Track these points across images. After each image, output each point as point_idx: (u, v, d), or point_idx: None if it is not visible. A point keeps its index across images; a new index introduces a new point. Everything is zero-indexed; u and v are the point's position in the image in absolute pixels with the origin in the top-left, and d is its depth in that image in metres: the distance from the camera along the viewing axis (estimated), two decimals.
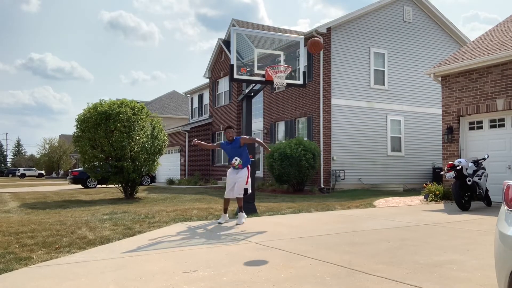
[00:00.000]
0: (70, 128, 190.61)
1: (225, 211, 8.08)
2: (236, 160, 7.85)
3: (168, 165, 27.72)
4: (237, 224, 7.75)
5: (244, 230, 7.21)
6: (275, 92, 20.61)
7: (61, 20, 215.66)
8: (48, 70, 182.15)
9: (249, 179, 8.06)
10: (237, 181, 7.88)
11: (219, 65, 25.81)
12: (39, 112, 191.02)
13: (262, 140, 21.30)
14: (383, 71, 18.86)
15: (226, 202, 8.09)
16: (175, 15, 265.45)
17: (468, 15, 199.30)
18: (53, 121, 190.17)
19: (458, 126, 12.42)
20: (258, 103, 21.65)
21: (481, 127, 12.12)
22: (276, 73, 8.80)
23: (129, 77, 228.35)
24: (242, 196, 7.95)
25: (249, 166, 8.10)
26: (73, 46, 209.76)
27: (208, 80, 27.58)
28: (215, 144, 8.43)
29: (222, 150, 8.61)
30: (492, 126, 11.85)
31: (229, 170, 8.09)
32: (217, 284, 4.00)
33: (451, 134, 12.50)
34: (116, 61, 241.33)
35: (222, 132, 25.07)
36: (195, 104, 30.44)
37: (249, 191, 8.21)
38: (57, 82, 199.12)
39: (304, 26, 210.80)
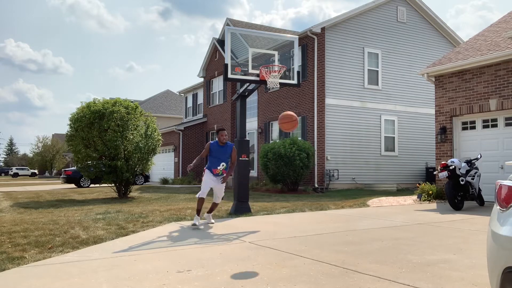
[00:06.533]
0: (49, 119, 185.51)
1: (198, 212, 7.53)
2: (222, 165, 7.58)
3: (162, 165, 27.65)
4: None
5: (237, 229, 7.21)
6: (269, 91, 20.62)
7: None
8: (19, 60, 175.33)
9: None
10: (219, 187, 7.72)
11: (214, 64, 25.77)
12: (19, 108, 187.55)
13: (256, 140, 21.31)
14: (377, 71, 18.93)
15: (201, 202, 7.51)
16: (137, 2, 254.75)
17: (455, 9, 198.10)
18: (34, 117, 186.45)
19: (451, 126, 12.49)
20: (252, 102, 21.66)
21: (474, 127, 12.19)
22: (270, 73, 8.81)
23: (103, 71, 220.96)
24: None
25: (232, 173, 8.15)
26: (39, 34, 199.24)
27: (202, 79, 27.53)
28: (204, 151, 7.79)
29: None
30: (485, 126, 11.92)
31: (209, 173, 7.63)
32: (211, 284, 3.99)
33: (444, 134, 12.56)
34: (89, 52, 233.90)
35: (215, 132, 25.01)
36: (189, 104, 30.38)
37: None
38: (32, 75, 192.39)
39: (280, 9, 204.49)
